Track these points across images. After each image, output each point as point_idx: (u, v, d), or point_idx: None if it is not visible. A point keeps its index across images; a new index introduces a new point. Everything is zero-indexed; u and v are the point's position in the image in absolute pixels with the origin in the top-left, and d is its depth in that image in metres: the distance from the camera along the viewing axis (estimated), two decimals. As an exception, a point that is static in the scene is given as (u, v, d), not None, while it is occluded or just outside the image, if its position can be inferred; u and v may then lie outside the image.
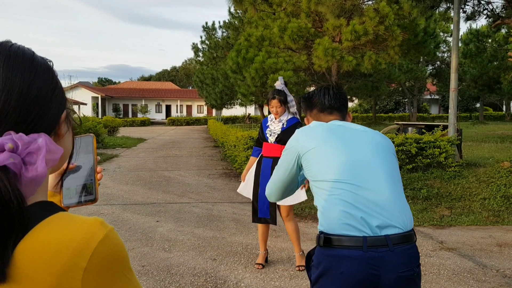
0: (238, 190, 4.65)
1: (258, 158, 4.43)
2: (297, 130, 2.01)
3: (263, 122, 4.47)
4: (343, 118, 2.11)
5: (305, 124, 2.20)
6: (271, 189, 2.13)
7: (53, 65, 0.78)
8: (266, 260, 4.47)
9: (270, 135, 4.32)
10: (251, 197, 4.41)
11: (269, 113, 4.44)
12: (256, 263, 4.39)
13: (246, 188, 4.52)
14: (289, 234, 4.39)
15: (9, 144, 0.65)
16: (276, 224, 4.37)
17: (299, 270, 4.28)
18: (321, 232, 1.81)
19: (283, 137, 4.21)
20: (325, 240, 1.77)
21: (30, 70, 0.72)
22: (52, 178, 1.00)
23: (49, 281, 0.63)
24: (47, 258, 0.64)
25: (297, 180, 2.06)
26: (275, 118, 4.35)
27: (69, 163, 0.84)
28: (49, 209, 0.71)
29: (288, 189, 2.09)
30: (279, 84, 4.37)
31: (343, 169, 1.81)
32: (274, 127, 4.32)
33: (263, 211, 4.28)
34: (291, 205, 4.32)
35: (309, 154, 1.89)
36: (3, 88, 0.68)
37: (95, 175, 1.00)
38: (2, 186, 0.62)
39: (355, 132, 1.95)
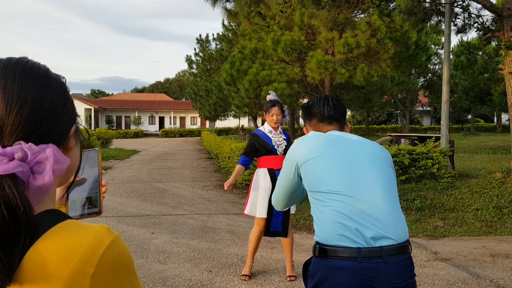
0: (247, 212, 4.40)
1: (266, 172, 4.29)
2: (295, 140, 2.04)
3: (259, 134, 4.35)
4: (342, 128, 2.13)
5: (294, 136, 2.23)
6: (276, 199, 2.16)
7: (65, 81, 0.82)
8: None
9: (278, 146, 4.29)
10: (261, 215, 4.26)
11: (262, 124, 4.44)
12: (243, 275, 4.38)
13: (255, 207, 4.34)
14: (283, 244, 4.41)
15: (19, 153, 0.68)
16: (287, 237, 4.34)
17: (290, 280, 4.30)
18: (316, 243, 1.84)
19: (287, 149, 4.26)
20: (321, 250, 1.80)
21: (43, 84, 0.76)
22: (58, 191, 1.02)
23: (58, 286, 0.66)
24: (56, 264, 0.67)
25: (300, 188, 2.07)
26: (274, 129, 4.33)
27: (75, 176, 0.87)
28: (57, 216, 0.74)
29: (293, 198, 2.11)
30: (273, 95, 4.41)
31: (339, 180, 1.83)
32: (278, 138, 4.31)
33: (276, 225, 4.27)
34: (290, 216, 4.36)
35: (306, 165, 1.91)
36: (17, 100, 0.71)
37: (100, 188, 1.04)
38: (10, 193, 0.65)
39: (353, 143, 1.97)
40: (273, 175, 4.26)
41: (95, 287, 0.68)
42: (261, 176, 4.32)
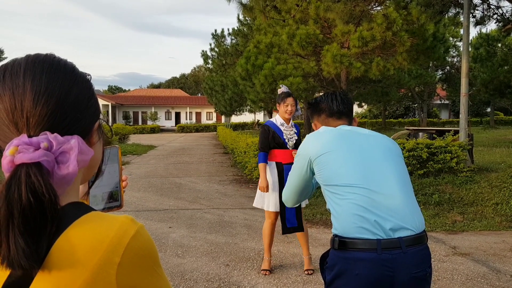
0: (254, 205, 4.42)
1: (274, 165, 4.26)
2: (307, 136, 2.07)
3: (272, 127, 4.26)
4: (350, 123, 2.17)
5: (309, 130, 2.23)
6: (287, 195, 2.18)
7: (91, 78, 0.85)
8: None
9: (289, 140, 4.24)
10: (270, 209, 4.26)
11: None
12: (263, 269, 4.39)
13: (262, 199, 4.35)
14: (299, 238, 4.41)
15: (44, 143, 0.70)
16: (304, 231, 4.31)
17: (308, 273, 4.31)
18: (335, 236, 1.86)
19: (298, 142, 4.25)
20: (340, 243, 1.82)
21: (69, 78, 0.78)
22: (82, 188, 1.05)
23: (85, 276, 0.68)
24: (83, 253, 0.68)
25: (311, 184, 2.10)
26: (286, 122, 4.29)
27: (99, 172, 0.89)
28: (82, 208, 0.75)
29: (304, 193, 2.15)
30: (285, 88, 4.37)
31: (355, 173, 1.86)
32: (289, 132, 4.27)
33: (291, 221, 4.22)
34: (302, 210, 4.35)
35: (320, 159, 1.94)
36: (44, 92, 0.73)
37: (120, 183, 1.06)
38: (36, 181, 0.67)
39: (364, 136, 2.01)
40: (281, 169, 4.23)
41: (121, 276, 0.70)
42: (269, 169, 4.28)
